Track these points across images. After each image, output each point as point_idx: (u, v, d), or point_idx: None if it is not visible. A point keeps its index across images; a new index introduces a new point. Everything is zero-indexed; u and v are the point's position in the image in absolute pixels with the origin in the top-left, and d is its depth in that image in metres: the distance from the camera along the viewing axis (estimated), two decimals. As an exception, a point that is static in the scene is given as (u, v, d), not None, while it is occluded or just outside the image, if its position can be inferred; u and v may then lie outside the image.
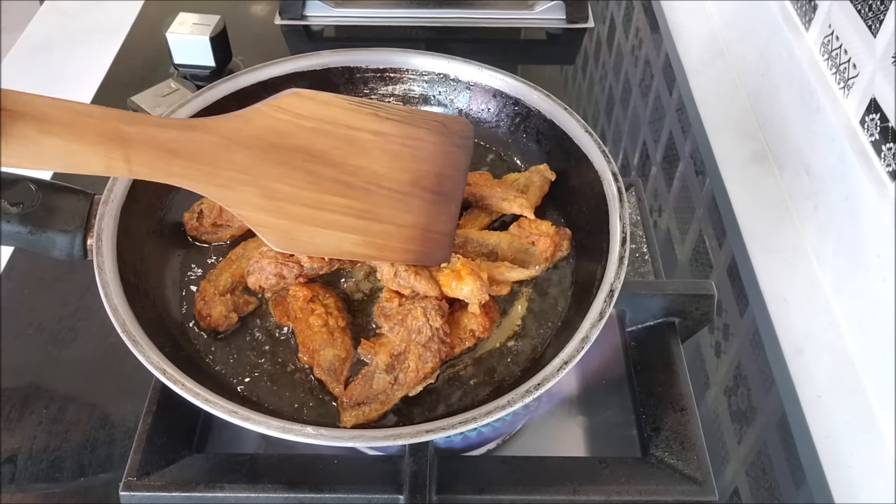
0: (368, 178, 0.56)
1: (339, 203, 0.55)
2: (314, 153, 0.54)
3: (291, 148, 0.54)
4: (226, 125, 0.52)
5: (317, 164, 0.55)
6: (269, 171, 0.53)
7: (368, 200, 0.56)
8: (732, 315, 0.82)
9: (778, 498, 0.67)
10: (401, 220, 0.57)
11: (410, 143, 0.58)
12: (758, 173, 0.98)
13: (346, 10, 1.21)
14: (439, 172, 0.60)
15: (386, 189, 0.57)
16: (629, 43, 1.21)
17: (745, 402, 0.74)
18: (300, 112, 0.54)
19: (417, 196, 0.58)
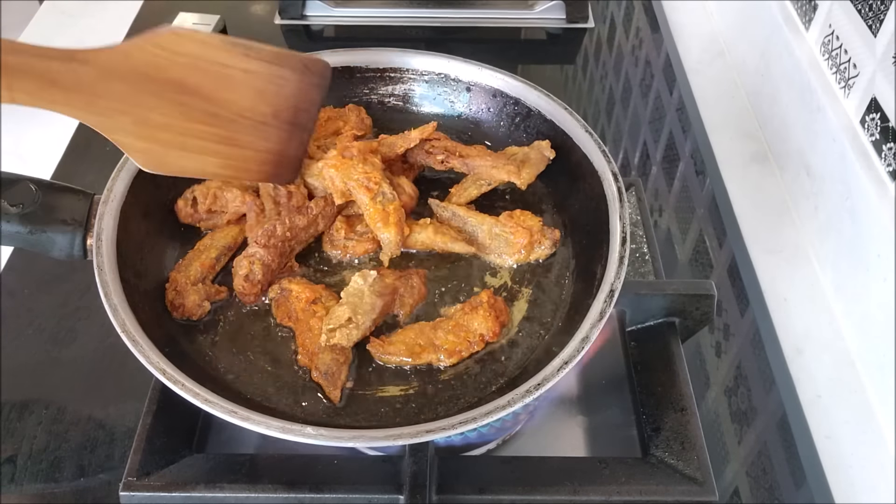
0: (234, 110, 0.62)
1: (206, 131, 0.60)
2: (187, 86, 0.58)
3: (166, 81, 0.57)
4: (105, 57, 0.54)
5: (188, 97, 0.59)
6: (144, 101, 0.57)
7: (232, 129, 0.62)
8: (732, 315, 0.82)
9: (778, 498, 0.67)
10: (259, 146, 0.64)
11: (275, 81, 0.64)
12: (758, 173, 0.98)
13: (346, 10, 1.21)
14: (296, 106, 0.66)
15: (249, 119, 0.63)
16: (629, 43, 1.21)
17: (746, 402, 0.74)
18: (177, 50, 0.57)
19: (276, 126, 0.65)
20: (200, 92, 0.60)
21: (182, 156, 0.60)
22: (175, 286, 0.64)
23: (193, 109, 0.60)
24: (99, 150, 0.97)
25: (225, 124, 0.61)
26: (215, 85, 0.60)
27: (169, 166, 0.60)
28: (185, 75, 0.58)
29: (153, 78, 0.57)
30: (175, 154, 0.60)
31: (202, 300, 0.64)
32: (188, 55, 0.58)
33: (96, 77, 0.54)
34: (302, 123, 0.67)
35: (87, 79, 0.53)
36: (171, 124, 0.59)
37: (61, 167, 0.94)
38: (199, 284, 0.65)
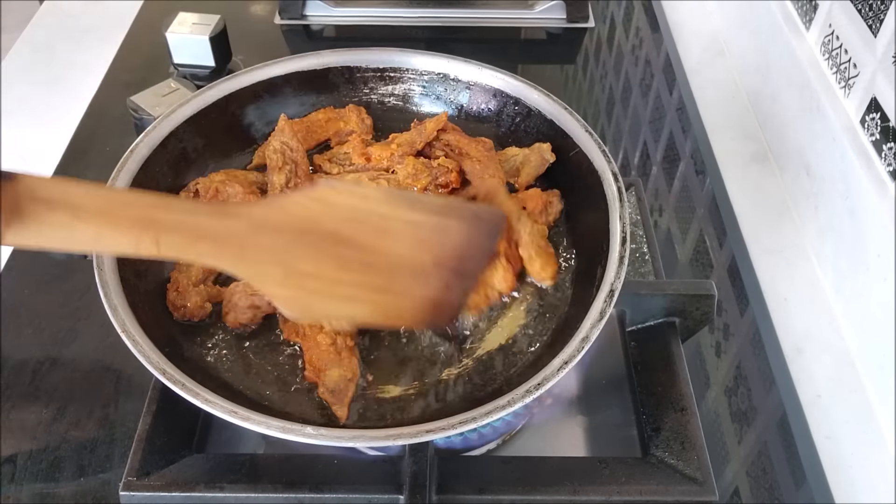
0: (391, 260, 0.57)
1: (359, 280, 0.56)
2: (341, 238, 0.55)
3: (320, 233, 0.54)
4: (257, 212, 0.53)
5: (343, 248, 0.55)
6: (296, 253, 0.54)
7: (387, 278, 0.57)
8: (732, 315, 0.82)
9: (778, 498, 0.67)
10: (416, 294, 0.58)
11: (440, 231, 0.59)
12: (758, 173, 0.98)
13: (346, 10, 1.21)
14: (462, 255, 0.60)
15: (407, 268, 0.58)
16: (629, 43, 1.21)
17: (746, 402, 0.74)
18: (335, 203, 0.55)
19: (437, 275, 0.59)
20: (356, 242, 0.56)
21: (329, 303, 0.56)
22: (176, 287, 0.64)
23: (347, 259, 0.56)
24: (99, 149, 0.97)
25: (380, 273, 0.57)
26: (373, 236, 0.57)
27: (315, 312, 0.56)
28: (340, 227, 0.55)
29: (307, 231, 0.54)
30: (322, 301, 0.55)
31: (204, 301, 0.64)
32: (346, 208, 0.56)
33: (248, 231, 0.52)
34: (467, 272, 0.61)
35: (236, 234, 0.52)
36: (322, 274, 0.55)
37: (62, 166, 0.94)
38: (202, 286, 0.65)
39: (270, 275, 0.53)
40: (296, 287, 0.54)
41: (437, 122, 0.72)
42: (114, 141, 0.97)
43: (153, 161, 0.69)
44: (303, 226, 0.54)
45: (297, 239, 0.54)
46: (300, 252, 0.54)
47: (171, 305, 0.64)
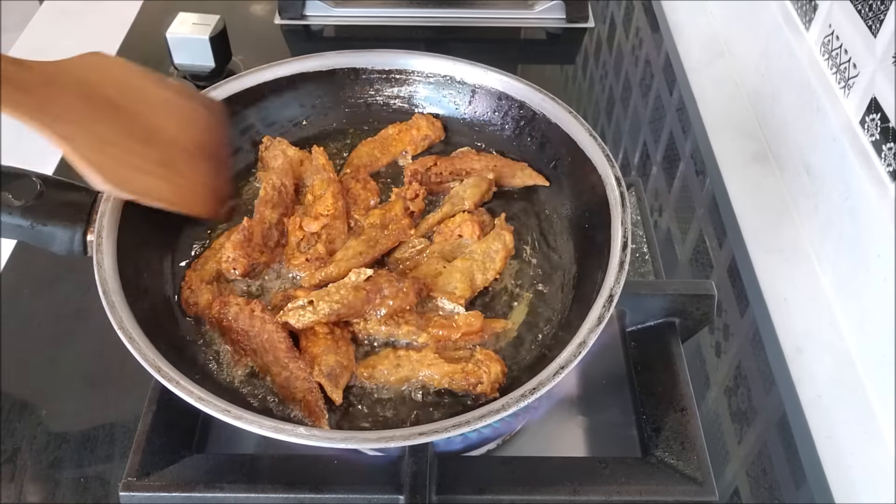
0: (165, 137, 0.66)
1: (150, 153, 0.64)
2: (120, 106, 0.63)
3: (102, 98, 0.62)
4: (46, 67, 0.59)
5: (125, 117, 0.63)
6: (88, 113, 0.60)
7: (169, 154, 0.65)
8: (732, 315, 0.82)
9: (778, 498, 0.67)
10: (195, 177, 0.67)
11: (190, 114, 0.69)
12: (758, 173, 0.98)
13: (345, 10, 1.21)
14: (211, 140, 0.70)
15: (179, 148, 0.67)
16: (629, 43, 1.21)
17: (746, 402, 0.74)
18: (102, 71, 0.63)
19: (202, 159, 0.69)
20: (132, 112, 0.64)
21: (135, 176, 0.62)
22: (189, 285, 0.64)
23: (132, 127, 0.63)
24: (99, 149, 0.97)
25: (162, 148, 0.65)
26: (144, 109, 0.65)
27: (126, 183, 0.61)
28: (115, 95, 0.63)
29: (90, 94, 0.61)
30: (128, 172, 0.62)
31: (214, 299, 0.63)
32: (114, 77, 0.64)
33: (42, 83, 0.58)
34: (221, 158, 0.72)
35: (36, 85, 0.57)
36: (118, 141, 0.62)
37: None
38: (213, 283, 0.65)
39: (73, 133, 0.58)
40: (100, 151, 0.60)
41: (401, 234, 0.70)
42: (114, 141, 0.97)
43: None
44: (86, 89, 0.61)
45: (86, 101, 0.60)
46: (92, 114, 0.60)
47: (184, 304, 0.64)
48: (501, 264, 0.67)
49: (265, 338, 0.60)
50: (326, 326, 0.61)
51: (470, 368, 0.59)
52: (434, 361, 0.60)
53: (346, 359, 0.60)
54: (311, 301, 0.61)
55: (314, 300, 0.61)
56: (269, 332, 0.60)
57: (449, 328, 0.62)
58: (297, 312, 0.60)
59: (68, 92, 0.59)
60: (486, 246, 0.68)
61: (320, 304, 0.60)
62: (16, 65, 0.57)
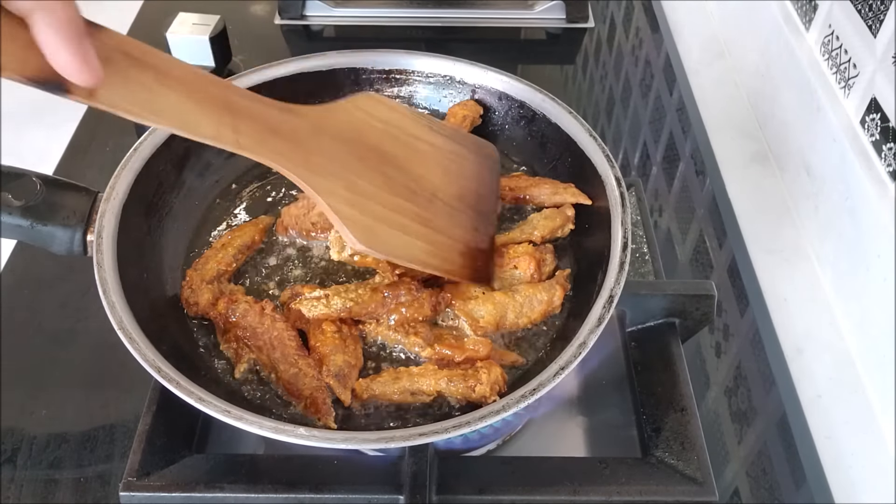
0: (428, 188, 0.59)
1: (408, 208, 0.58)
2: (385, 155, 0.58)
3: (367, 145, 0.57)
4: (313, 113, 0.55)
5: (388, 167, 0.58)
6: (352, 164, 0.56)
7: (429, 209, 0.59)
8: (732, 315, 0.82)
9: (778, 498, 0.67)
10: (453, 234, 0.60)
11: (457, 159, 0.62)
12: (758, 173, 0.98)
13: (345, 10, 1.21)
14: (478, 191, 0.63)
15: (441, 201, 0.60)
16: (629, 43, 1.21)
17: (746, 403, 0.74)
18: (372, 112, 0.58)
19: (463, 211, 0.61)
20: (397, 162, 0.59)
21: (391, 233, 0.57)
22: (190, 284, 0.64)
23: (394, 181, 0.58)
24: (99, 149, 0.97)
25: (423, 203, 0.59)
26: (409, 157, 0.60)
27: (380, 242, 0.57)
28: (381, 141, 0.58)
29: (355, 140, 0.57)
30: (384, 230, 0.57)
31: (215, 299, 0.64)
32: (382, 119, 0.59)
33: (310, 132, 0.54)
34: (485, 212, 0.63)
35: (301, 131, 0.53)
36: (377, 194, 0.57)
37: (62, 165, 0.94)
38: (214, 283, 0.65)
39: (335, 187, 0.54)
40: (358, 207, 0.55)
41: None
42: (114, 141, 0.97)
43: (156, 160, 0.69)
44: (351, 135, 0.56)
45: (351, 149, 0.56)
46: (355, 164, 0.56)
47: (185, 303, 0.64)
48: (539, 317, 0.64)
49: (274, 335, 0.60)
50: (334, 325, 0.61)
51: (469, 373, 0.59)
52: (430, 372, 0.59)
53: (353, 357, 0.60)
54: (327, 295, 0.61)
55: (329, 294, 0.61)
56: (279, 330, 0.60)
57: (454, 349, 0.61)
58: (311, 303, 0.61)
59: (333, 139, 0.55)
60: (532, 292, 0.64)
61: (334, 298, 0.61)
62: (286, 112, 0.53)
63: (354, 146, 0.56)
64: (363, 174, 0.56)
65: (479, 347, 0.61)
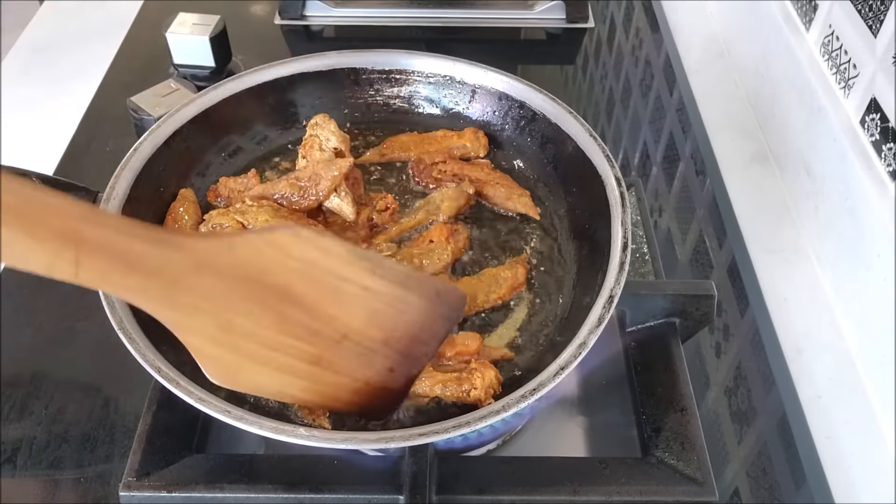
0: (339, 329, 0.51)
1: (298, 348, 0.50)
2: (290, 295, 0.48)
3: (267, 285, 0.47)
4: (203, 247, 0.45)
5: (288, 306, 0.49)
6: (235, 304, 0.47)
7: (330, 350, 0.51)
8: (732, 315, 0.82)
9: (778, 498, 0.67)
10: (357, 375, 0.54)
11: (396, 305, 0.53)
12: (758, 173, 0.98)
13: (346, 10, 1.21)
14: (414, 336, 0.55)
15: (354, 342, 0.52)
16: (629, 43, 1.21)
17: (746, 403, 0.74)
18: (291, 252, 0.48)
19: (383, 355, 0.54)
20: (304, 302, 0.49)
21: (261, 372, 0.50)
22: None
23: (291, 321, 0.49)
24: (99, 149, 0.97)
25: (323, 344, 0.51)
26: (324, 298, 0.50)
27: (241, 381, 0.51)
28: (291, 281, 0.48)
29: (252, 280, 0.47)
30: (253, 368, 0.50)
31: None
32: (303, 260, 0.48)
33: (186, 268, 0.44)
34: (415, 357, 0.56)
35: (174, 269, 0.43)
36: (258, 334, 0.48)
37: (62, 166, 0.94)
38: None
39: (200, 326, 0.46)
40: (227, 346, 0.47)
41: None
42: (114, 141, 0.97)
43: (156, 160, 0.69)
44: (250, 273, 0.46)
45: (240, 288, 0.46)
46: (240, 305, 0.47)
47: None
48: (507, 292, 0.66)
49: None
50: None
51: (464, 376, 0.58)
52: (426, 374, 0.59)
53: None
54: None
55: None
56: None
57: (444, 345, 0.60)
58: None
59: (220, 278, 0.45)
60: (496, 272, 0.67)
61: None
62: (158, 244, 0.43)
63: (246, 285, 0.46)
64: (247, 313, 0.47)
65: (468, 342, 0.61)
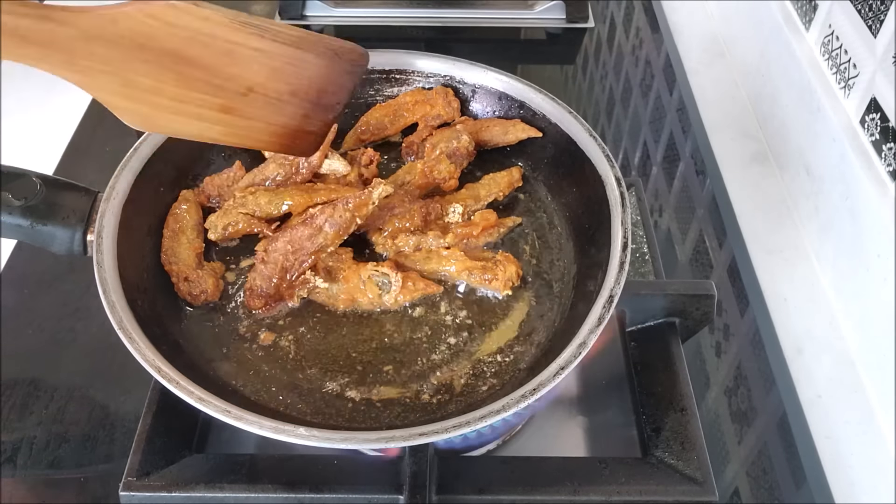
0: (242, 84, 0.56)
1: (205, 100, 0.55)
2: (184, 57, 0.53)
3: (160, 50, 0.52)
4: (86, 20, 0.49)
5: (186, 67, 0.53)
6: (134, 66, 0.51)
7: (238, 101, 0.57)
8: (732, 315, 0.82)
9: (778, 498, 0.67)
10: (271, 120, 0.59)
11: (295, 63, 0.58)
12: (758, 173, 0.98)
13: (345, 10, 1.21)
14: (321, 88, 0.61)
15: (260, 94, 0.58)
16: (629, 43, 1.21)
17: (746, 403, 0.74)
18: (174, 22, 0.52)
19: (293, 104, 0.60)
20: (201, 63, 0.54)
21: (175, 119, 0.55)
22: (184, 276, 0.65)
23: (193, 79, 0.54)
24: (99, 149, 0.97)
25: (229, 96, 0.56)
26: (218, 59, 0.55)
27: (159, 127, 0.56)
28: (182, 47, 0.53)
29: (144, 46, 0.51)
30: (167, 117, 0.55)
31: (217, 280, 0.65)
32: (187, 28, 0.53)
33: (76, 38, 0.49)
34: (327, 104, 0.62)
35: (64, 40, 0.49)
36: (163, 89, 0.53)
37: (62, 166, 0.94)
38: (205, 266, 0.66)
39: (105, 84, 0.51)
40: (137, 100, 0.52)
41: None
42: (114, 141, 0.97)
43: (156, 160, 0.69)
44: (140, 41, 0.51)
45: (135, 52, 0.51)
46: (139, 66, 0.51)
47: (187, 296, 0.64)
48: (506, 187, 0.74)
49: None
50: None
51: (489, 266, 0.66)
52: (459, 258, 0.67)
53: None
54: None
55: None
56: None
57: (469, 226, 0.69)
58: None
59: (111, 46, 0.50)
60: (493, 176, 0.74)
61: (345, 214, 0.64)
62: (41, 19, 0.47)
63: (140, 50, 0.51)
64: (147, 73, 0.52)
65: (486, 216, 0.70)
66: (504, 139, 0.77)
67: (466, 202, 0.72)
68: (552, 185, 0.75)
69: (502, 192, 0.74)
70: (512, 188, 0.75)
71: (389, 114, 0.79)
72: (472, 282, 0.66)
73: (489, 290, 0.66)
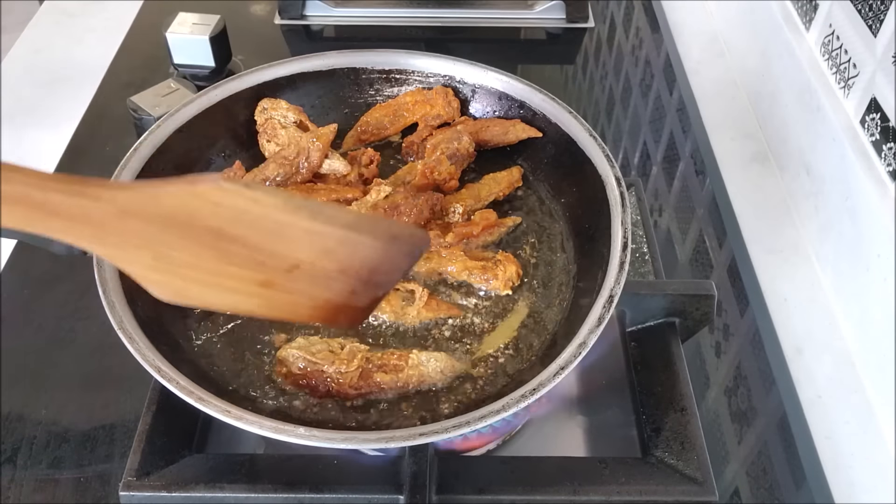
0: (287, 260, 0.51)
1: (245, 275, 0.50)
2: (227, 235, 0.48)
3: (201, 227, 0.47)
4: (125, 197, 0.45)
5: (227, 244, 0.48)
6: (169, 241, 0.47)
7: (281, 277, 0.51)
8: (732, 315, 0.82)
9: (778, 498, 0.67)
10: (315, 295, 0.54)
11: (348, 245, 0.53)
12: (758, 173, 0.98)
13: (345, 10, 1.21)
14: (374, 268, 0.55)
15: (306, 271, 0.52)
16: (629, 43, 1.21)
17: (746, 403, 0.74)
18: (220, 202, 0.47)
19: (341, 281, 0.54)
20: (245, 241, 0.49)
21: (209, 292, 0.50)
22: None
23: (233, 254, 0.49)
24: (99, 149, 0.97)
25: (272, 272, 0.51)
26: (265, 238, 0.49)
27: (191, 299, 0.50)
28: (226, 226, 0.48)
29: (186, 223, 0.47)
30: (201, 290, 0.50)
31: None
32: (234, 209, 0.48)
33: (110, 215, 0.44)
34: (378, 283, 0.56)
35: (97, 216, 0.44)
36: (199, 265, 0.48)
37: (62, 166, 0.94)
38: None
39: (135, 258, 0.47)
40: (167, 273, 0.48)
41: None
42: (114, 141, 0.97)
43: (156, 160, 0.69)
44: (179, 218, 0.46)
45: (172, 229, 0.46)
46: (175, 242, 0.47)
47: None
48: (506, 187, 0.74)
49: None
50: None
51: (489, 265, 0.66)
52: (459, 258, 0.67)
53: None
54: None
55: None
56: None
57: (469, 225, 0.70)
58: None
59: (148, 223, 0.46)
60: (493, 176, 0.75)
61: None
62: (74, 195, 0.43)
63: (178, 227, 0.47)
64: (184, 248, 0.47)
65: (486, 215, 0.70)
66: (504, 139, 0.77)
67: (467, 202, 0.72)
68: (552, 185, 0.75)
69: (503, 192, 0.74)
70: (512, 188, 0.75)
71: (389, 114, 0.79)
72: (472, 281, 0.67)
73: (489, 289, 0.66)
